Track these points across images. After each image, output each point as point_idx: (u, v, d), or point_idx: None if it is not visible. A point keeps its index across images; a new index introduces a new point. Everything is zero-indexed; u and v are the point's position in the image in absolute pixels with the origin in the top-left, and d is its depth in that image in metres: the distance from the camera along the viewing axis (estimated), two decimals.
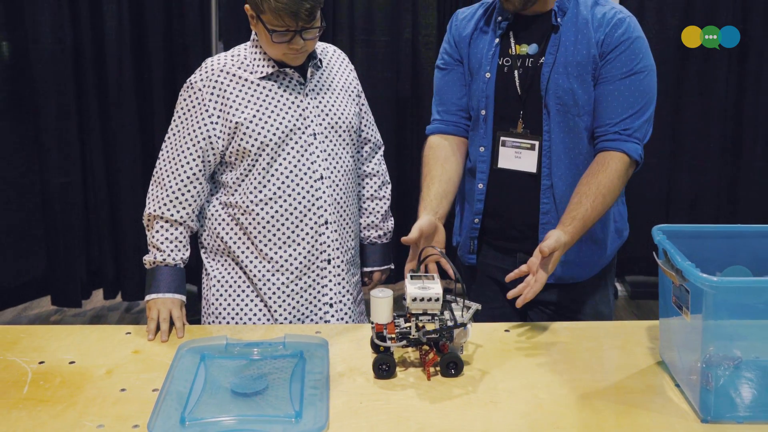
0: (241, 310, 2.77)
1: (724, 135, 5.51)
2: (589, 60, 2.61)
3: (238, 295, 2.77)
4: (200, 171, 2.69)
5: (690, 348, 2.08)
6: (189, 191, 2.69)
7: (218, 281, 2.80)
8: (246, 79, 2.67)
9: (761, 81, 5.41)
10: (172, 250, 2.69)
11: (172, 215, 2.68)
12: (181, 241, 2.72)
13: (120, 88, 5.15)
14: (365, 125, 2.98)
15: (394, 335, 2.23)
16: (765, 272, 2.24)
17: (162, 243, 2.68)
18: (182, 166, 2.67)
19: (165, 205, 2.68)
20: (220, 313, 2.79)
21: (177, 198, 2.68)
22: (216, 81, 2.66)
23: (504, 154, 2.73)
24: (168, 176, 2.69)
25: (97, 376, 2.23)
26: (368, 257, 3.05)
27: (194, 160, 2.67)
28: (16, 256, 5.24)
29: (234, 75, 2.67)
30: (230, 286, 2.78)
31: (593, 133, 2.66)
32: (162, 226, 2.69)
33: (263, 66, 2.68)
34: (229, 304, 2.78)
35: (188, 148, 2.67)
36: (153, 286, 2.66)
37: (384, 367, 2.21)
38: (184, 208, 2.70)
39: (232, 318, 2.77)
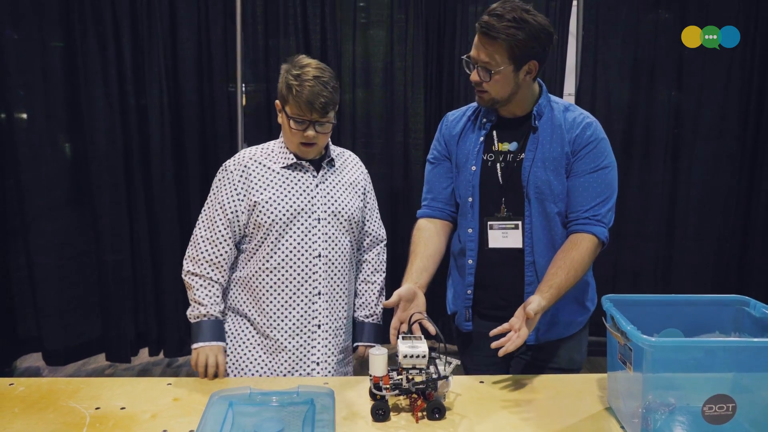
0: (248, 359, 2.77)
1: (660, 221, 5.55)
2: (563, 156, 2.62)
3: (247, 347, 2.77)
4: (230, 237, 2.72)
5: (633, 396, 2.08)
6: (221, 254, 2.72)
7: (231, 334, 2.79)
8: (269, 167, 2.72)
9: (691, 176, 5.47)
10: (211, 305, 2.71)
11: (207, 273, 2.71)
12: (218, 296, 2.73)
13: (162, 182, 5.23)
14: (368, 219, 2.96)
15: (388, 386, 2.24)
16: (694, 334, 2.25)
17: (203, 299, 2.70)
18: (215, 233, 2.71)
19: (201, 265, 2.72)
20: (233, 363, 2.79)
21: (212, 259, 2.71)
22: (245, 166, 2.71)
23: (493, 236, 2.70)
24: (204, 242, 2.72)
25: (143, 420, 2.23)
26: (357, 333, 2.97)
27: (225, 228, 2.70)
28: (77, 321, 5.26)
29: (260, 163, 2.72)
30: (241, 339, 2.78)
31: (566, 217, 2.66)
32: (201, 284, 2.71)
33: (285, 158, 2.72)
34: (238, 353, 2.77)
35: (219, 219, 2.70)
36: (198, 336, 2.69)
37: (380, 412, 2.21)
38: (217, 268, 2.73)
39: (240, 369, 2.77)
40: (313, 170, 2.75)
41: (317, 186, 2.74)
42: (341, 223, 2.77)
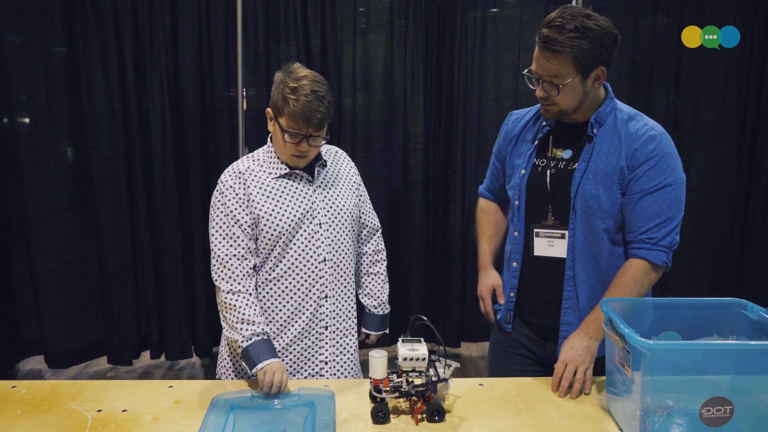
0: None
1: None
2: (617, 170, 2.49)
3: None
4: (253, 247, 2.64)
5: (631, 399, 2.09)
6: (251, 266, 2.63)
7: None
8: (264, 179, 2.66)
9: (689, 180, 5.38)
10: (261, 322, 2.56)
11: (247, 288, 2.60)
12: (261, 313, 2.63)
13: (164, 186, 5.23)
14: (363, 212, 2.93)
15: (388, 388, 2.25)
16: (692, 337, 2.26)
17: (252, 316, 2.55)
18: (239, 248, 2.61)
19: (239, 281, 2.59)
20: (233, 368, 2.77)
21: (246, 273, 2.61)
22: (241, 181, 2.65)
23: (538, 244, 2.64)
24: (231, 258, 2.60)
25: (145, 422, 2.23)
26: (367, 322, 2.99)
27: (247, 240, 2.62)
28: (79, 324, 5.27)
29: (255, 175, 2.66)
30: None
31: (624, 236, 2.57)
32: (246, 302, 2.57)
33: (278, 168, 2.68)
34: (239, 360, 2.74)
35: (238, 235, 2.61)
36: (259, 355, 2.48)
37: (380, 415, 2.22)
38: (252, 278, 2.63)
39: (245, 372, 2.74)
40: (308, 176, 2.71)
41: (314, 191, 2.71)
42: (342, 224, 2.74)
